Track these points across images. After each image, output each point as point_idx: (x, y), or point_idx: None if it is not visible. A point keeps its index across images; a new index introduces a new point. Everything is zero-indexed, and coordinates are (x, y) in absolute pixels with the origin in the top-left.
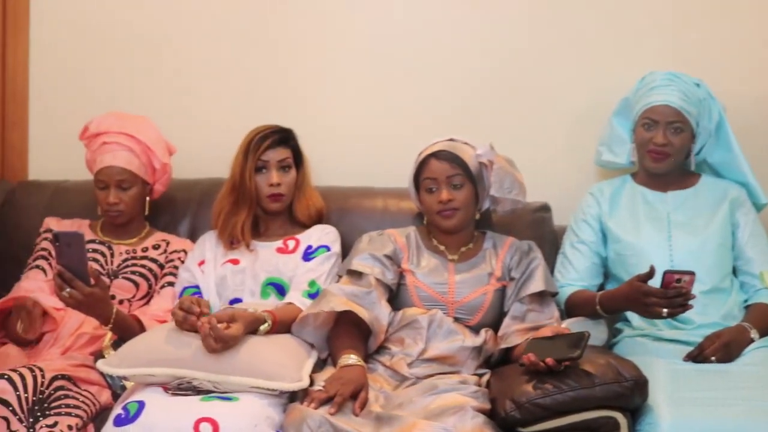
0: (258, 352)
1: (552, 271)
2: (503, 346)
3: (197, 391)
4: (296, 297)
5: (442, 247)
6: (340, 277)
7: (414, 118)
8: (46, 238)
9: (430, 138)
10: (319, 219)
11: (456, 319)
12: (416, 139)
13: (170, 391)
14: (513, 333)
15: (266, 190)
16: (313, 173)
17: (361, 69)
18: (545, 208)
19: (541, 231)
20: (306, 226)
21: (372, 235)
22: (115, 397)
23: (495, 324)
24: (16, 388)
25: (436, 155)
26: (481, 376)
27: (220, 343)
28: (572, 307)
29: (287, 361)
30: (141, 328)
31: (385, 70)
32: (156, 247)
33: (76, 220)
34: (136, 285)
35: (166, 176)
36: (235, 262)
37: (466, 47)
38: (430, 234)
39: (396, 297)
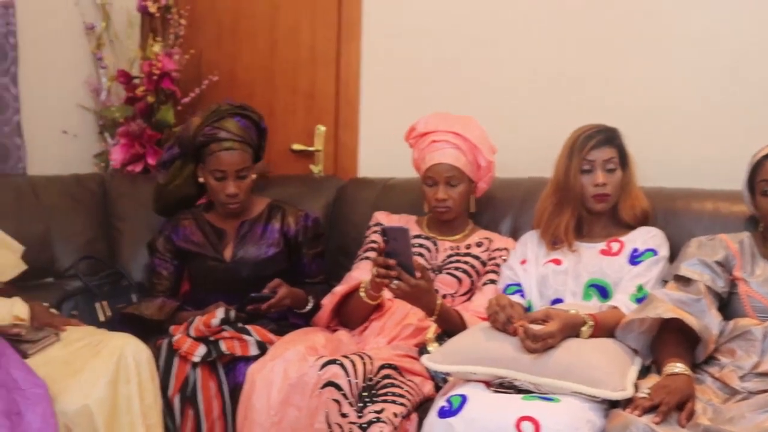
0: (581, 356)
1: None
2: None
3: (518, 389)
4: (622, 301)
5: None
6: (665, 282)
7: (748, 117)
8: (375, 231)
9: (766, 140)
10: (645, 220)
11: None
12: (751, 139)
13: (492, 388)
14: None
15: (591, 190)
16: (638, 173)
17: (689, 65)
18: None
19: None
20: (630, 227)
21: (701, 240)
22: (437, 388)
23: None
24: (347, 374)
25: None
26: None
27: (537, 342)
28: None
29: (611, 367)
30: (463, 324)
31: (717, 66)
32: (479, 244)
33: (404, 216)
34: (459, 281)
35: (490, 174)
36: (557, 262)
37: None
38: (767, 240)
39: (726, 306)
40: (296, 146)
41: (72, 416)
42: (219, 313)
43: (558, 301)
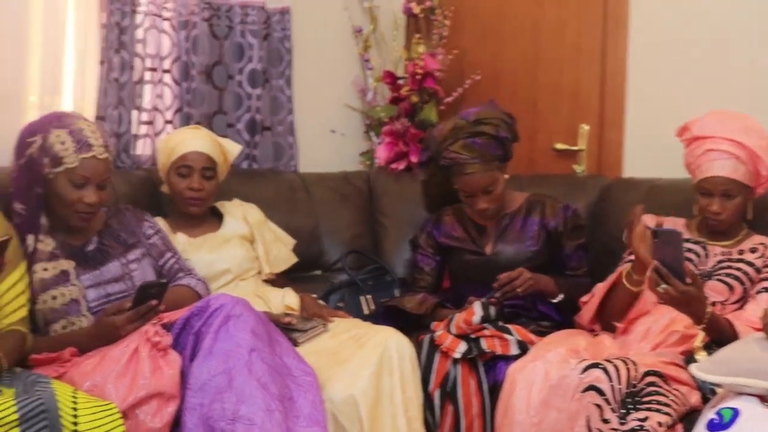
0: None
1: None
2: None
3: None
4: None
5: None
6: None
7: None
8: None
9: None
10: None
11: None
12: None
13: (767, 402)
14: None
15: None
16: None
17: None
18: None
19: None
20: None
21: None
22: (705, 399)
23: None
24: (610, 379)
25: None
26: None
27: None
28: None
29: None
30: (734, 334)
31: None
32: (753, 250)
33: (671, 218)
34: (730, 288)
35: None
36: None
37: None
38: None
39: None
40: (559, 145)
41: (338, 404)
42: (478, 310)
43: None
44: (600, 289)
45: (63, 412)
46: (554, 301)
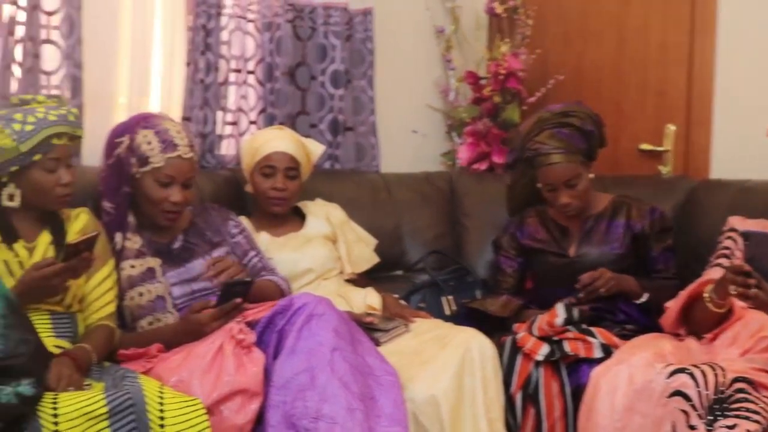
0: None
1: None
2: None
3: None
4: None
5: None
6: None
7: None
8: (729, 237)
9: None
10: None
11: None
12: None
13: None
14: None
15: None
16: None
17: None
18: None
19: None
20: None
21: None
22: None
23: None
24: (697, 384)
25: None
26: None
27: None
28: None
29: None
30: None
31: None
32: None
33: (761, 221)
34: None
35: None
36: None
37: None
38: None
39: None
40: (644, 146)
41: (419, 404)
42: (561, 312)
43: None
44: (682, 296)
45: (150, 407)
46: (639, 301)
